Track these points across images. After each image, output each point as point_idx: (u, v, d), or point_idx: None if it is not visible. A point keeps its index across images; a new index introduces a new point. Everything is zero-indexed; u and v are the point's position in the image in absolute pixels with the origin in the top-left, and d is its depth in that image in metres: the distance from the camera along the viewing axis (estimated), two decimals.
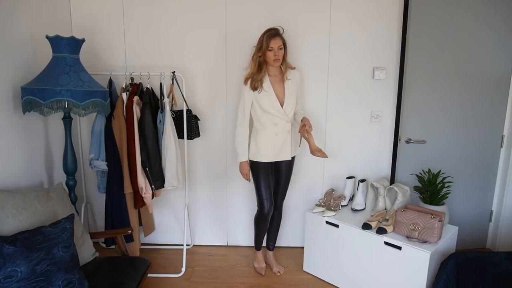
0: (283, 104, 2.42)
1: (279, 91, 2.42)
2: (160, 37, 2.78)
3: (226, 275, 2.70)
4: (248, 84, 2.37)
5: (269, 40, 2.28)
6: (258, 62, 2.34)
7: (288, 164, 2.57)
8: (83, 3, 2.74)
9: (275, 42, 2.28)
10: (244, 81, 2.39)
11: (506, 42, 2.69)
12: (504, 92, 2.79)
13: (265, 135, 2.44)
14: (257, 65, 2.35)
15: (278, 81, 2.43)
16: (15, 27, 2.15)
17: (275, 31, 2.31)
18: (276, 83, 2.42)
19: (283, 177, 2.59)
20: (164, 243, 3.11)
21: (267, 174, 2.50)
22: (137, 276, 1.98)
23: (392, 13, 2.73)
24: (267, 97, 2.39)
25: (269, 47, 2.28)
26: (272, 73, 2.42)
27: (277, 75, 2.44)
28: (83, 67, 2.24)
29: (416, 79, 2.69)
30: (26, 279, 1.57)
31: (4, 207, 1.74)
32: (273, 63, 2.34)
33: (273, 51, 2.30)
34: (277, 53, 2.30)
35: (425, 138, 2.76)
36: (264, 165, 2.47)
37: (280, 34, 2.33)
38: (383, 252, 2.27)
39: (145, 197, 2.54)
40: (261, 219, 2.56)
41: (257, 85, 2.36)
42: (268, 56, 2.31)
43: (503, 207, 2.90)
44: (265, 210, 2.50)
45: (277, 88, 2.42)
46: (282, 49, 2.33)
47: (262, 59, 2.34)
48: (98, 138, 2.52)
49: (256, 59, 2.35)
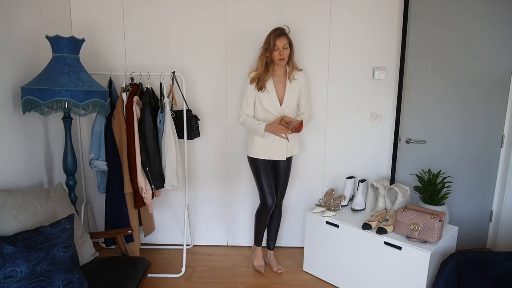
0: (282, 104, 2.43)
1: (280, 91, 2.44)
2: (160, 37, 2.78)
3: (226, 275, 2.70)
4: (254, 84, 2.39)
5: (275, 39, 2.30)
6: (266, 62, 2.36)
7: (286, 163, 2.57)
8: (83, 3, 2.74)
9: (280, 41, 2.30)
10: (250, 81, 2.40)
11: (506, 42, 2.69)
12: (504, 92, 2.79)
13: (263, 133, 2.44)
14: (264, 65, 2.37)
15: (281, 81, 2.45)
16: (15, 27, 2.15)
17: (280, 30, 2.34)
18: (279, 83, 2.44)
19: (282, 176, 2.60)
20: (164, 243, 3.11)
21: (266, 169, 2.51)
22: (137, 276, 1.98)
23: (392, 13, 2.73)
24: (269, 96, 2.41)
25: (275, 46, 2.30)
26: (277, 73, 2.44)
27: (281, 76, 2.45)
28: (83, 67, 2.23)
29: (416, 79, 2.69)
30: (26, 279, 1.57)
31: (4, 207, 1.74)
32: (279, 63, 2.35)
33: (278, 50, 2.31)
34: (282, 52, 2.32)
35: (425, 138, 2.76)
36: (263, 161, 2.50)
37: (285, 34, 2.35)
38: (383, 252, 2.27)
39: (145, 197, 2.54)
40: (263, 213, 2.58)
41: (262, 84, 2.38)
42: (274, 55, 2.33)
43: (503, 207, 2.90)
44: (268, 204, 2.52)
45: (279, 88, 2.44)
46: (288, 48, 2.35)
47: (269, 59, 2.36)
48: (98, 138, 2.52)
49: (263, 59, 2.37)
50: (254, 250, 2.78)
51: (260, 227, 2.68)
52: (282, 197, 2.68)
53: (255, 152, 2.49)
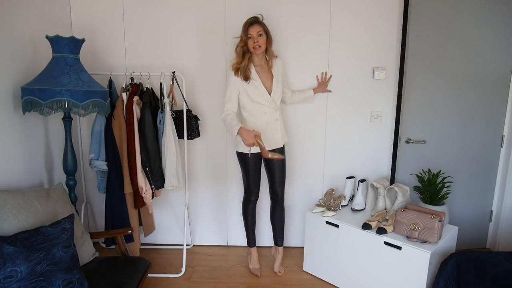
0: (271, 93, 2.44)
1: (266, 81, 2.44)
2: (160, 37, 2.78)
3: (226, 275, 2.70)
4: (238, 74, 2.38)
5: (247, 27, 2.31)
6: (242, 52, 2.37)
7: (279, 151, 2.52)
8: (83, 3, 2.74)
9: (253, 29, 2.30)
10: (234, 72, 2.39)
11: (506, 42, 2.69)
12: (504, 92, 2.79)
13: (255, 124, 2.43)
14: (241, 54, 2.37)
15: (265, 71, 2.45)
16: (15, 27, 2.15)
17: (253, 18, 2.35)
18: (263, 73, 2.44)
19: (277, 167, 2.54)
20: (164, 243, 3.11)
21: (255, 163, 2.51)
22: (137, 276, 1.98)
23: (392, 13, 2.73)
24: (255, 86, 2.40)
25: (248, 35, 2.31)
26: (258, 63, 2.43)
27: (262, 65, 2.45)
28: (83, 67, 2.24)
29: (416, 79, 2.69)
30: (26, 279, 1.57)
31: (4, 207, 1.74)
32: (254, 51, 2.35)
33: (252, 38, 2.31)
34: (256, 39, 2.31)
35: (425, 138, 2.76)
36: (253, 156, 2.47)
37: (258, 21, 2.35)
38: (383, 252, 2.27)
39: (145, 197, 2.54)
40: (247, 208, 2.60)
41: (247, 73, 2.37)
42: (249, 44, 2.33)
43: (503, 207, 2.90)
44: (251, 196, 2.55)
45: (263, 78, 2.44)
46: (263, 36, 2.34)
47: (245, 48, 2.35)
48: (98, 138, 2.52)
49: (239, 50, 2.37)
50: (248, 252, 2.77)
51: (248, 224, 2.67)
52: (282, 189, 2.60)
53: (242, 146, 2.44)
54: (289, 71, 2.80)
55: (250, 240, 2.72)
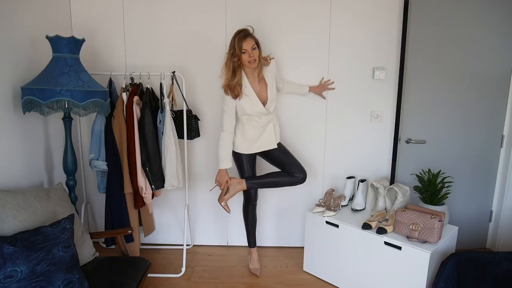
0: (266, 103, 2.41)
1: (260, 92, 2.40)
2: (160, 37, 2.78)
3: (226, 275, 2.70)
4: (228, 93, 2.31)
5: (241, 42, 2.21)
6: (233, 67, 2.27)
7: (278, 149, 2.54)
8: (83, 3, 2.74)
9: (247, 43, 2.21)
10: (224, 91, 2.33)
11: (506, 42, 2.69)
12: (504, 92, 2.79)
13: (252, 127, 2.44)
14: (232, 70, 2.27)
15: (258, 80, 2.39)
16: (15, 27, 2.15)
17: (245, 32, 2.25)
18: (256, 83, 2.39)
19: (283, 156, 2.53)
20: (164, 243, 3.11)
21: (252, 164, 2.53)
22: (137, 276, 1.98)
23: (392, 13, 2.73)
24: (250, 102, 2.36)
25: (242, 49, 2.22)
26: (250, 74, 2.37)
27: (255, 76, 2.38)
28: (83, 67, 2.23)
29: (416, 79, 2.69)
30: (26, 279, 1.57)
31: (4, 207, 1.74)
32: (249, 65, 2.27)
33: (247, 53, 2.23)
34: (252, 54, 2.23)
35: (425, 138, 2.76)
36: (248, 156, 2.50)
37: (251, 34, 2.26)
38: (383, 252, 2.27)
39: (145, 197, 2.54)
40: (248, 208, 2.60)
41: (237, 91, 2.30)
42: (243, 58, 2.24)
43: (503, 207, 2.90)
44: (251, 198, 2.54)
45: (257, 89, 2.39)
46: (256, 49, 2.26)
47: (236, 64, 2.26)
48: (98, 138, 2.52)
49: (230, 65, 2.27)
50: (249, 253, 2.77)
51: (248, 225, 2.68)
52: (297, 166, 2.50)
53: (247, 147, 2.46)
54: (289, 71, 2.79)
55: (250, 240, 2.72)
